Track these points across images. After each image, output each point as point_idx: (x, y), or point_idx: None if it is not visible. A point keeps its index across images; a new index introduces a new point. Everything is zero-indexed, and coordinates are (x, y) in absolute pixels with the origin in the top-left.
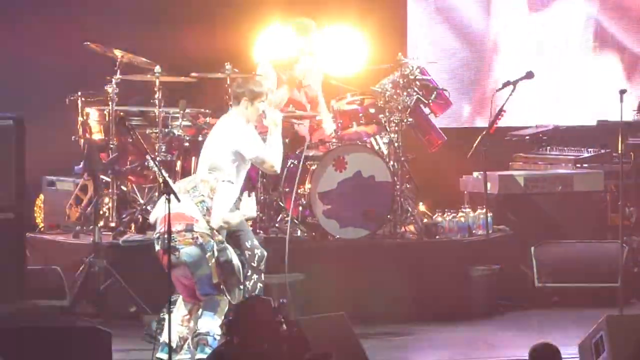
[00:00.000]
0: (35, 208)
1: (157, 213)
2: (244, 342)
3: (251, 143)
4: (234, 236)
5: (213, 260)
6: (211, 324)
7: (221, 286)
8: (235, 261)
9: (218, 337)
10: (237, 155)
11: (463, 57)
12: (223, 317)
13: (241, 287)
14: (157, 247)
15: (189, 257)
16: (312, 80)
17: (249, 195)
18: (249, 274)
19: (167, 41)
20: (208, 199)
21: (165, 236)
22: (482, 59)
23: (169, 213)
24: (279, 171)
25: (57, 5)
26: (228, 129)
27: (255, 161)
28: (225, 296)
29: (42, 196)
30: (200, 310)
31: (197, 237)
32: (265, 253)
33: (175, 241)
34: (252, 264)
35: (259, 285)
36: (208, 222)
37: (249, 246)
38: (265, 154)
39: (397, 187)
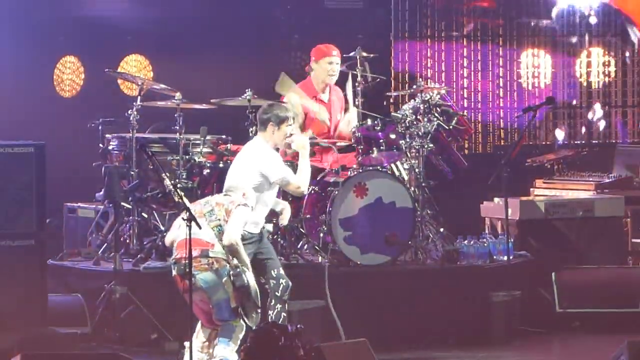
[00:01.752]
0: None
1: (173, 236)
2: None
3: (276, 165)
4: (261, 263)
5: (230, 284)
6: (225, 351)
7: (239, 310)
8: (253, 284)
9: None
10: (262, 177)
11: None
12: (239, 344)
13: (259, 310)
14: (174, 273)
15: (205, 283)
16: (337, 110)
17: (266, 231)
18: (272, 303)
19: (187, 68)
20: (224, 222)
21: (183, 262)
22: None
23: (190, 240)
24: (305, 192)
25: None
26: (254, 152)
27: (281, 183)
28: (243, 320)
29: None
30: (217, 337)
31: (212, 263)
32: (290, 284)
33: (188, 259)
34: (277, 293)
35: (283, 314)
36: (224, 246)
37: (274, 275)
38: (290, 176)
39: (418, 213)
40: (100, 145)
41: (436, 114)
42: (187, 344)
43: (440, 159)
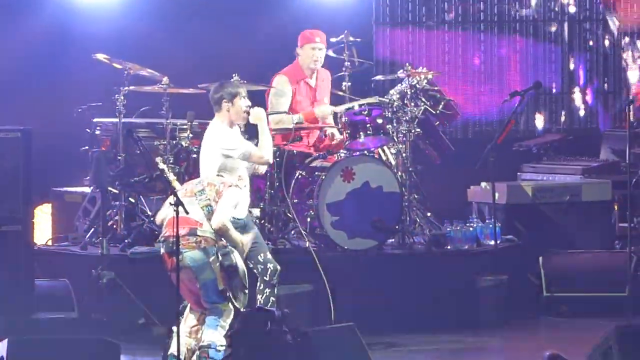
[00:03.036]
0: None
1: (164, 214)
2: (249, 353)
3: (234, 141)
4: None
5: (217, 264)
6: (214, 336)
7: (227, 293)
8: (240, 265)
9: (221, 349)
10: (225, 158)
11: None
12: (227, 328)
13: (246, 291)
14: (162, 250)
15: (192, 262)
16: (325, 93)
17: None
18: (261, 287)
19: (175, 52)
20: (214, 202)
21: (171, 240)
22: None
23: (177, 220)
24: (270, 161)
25: (65, 17)
26: (212, 135)
27: (244, 157)
28: (231, 303)
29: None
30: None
31: (200, 241)
32: (279, 267)
33: (179, 244)
34: (265, 277)
35: (272, 299)
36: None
37: (262, 260)
38: (251, 148)
39: (405, 197)
40: (87, 130)
41: (423, 99)
42: (174, 328)
43: (428, 144)
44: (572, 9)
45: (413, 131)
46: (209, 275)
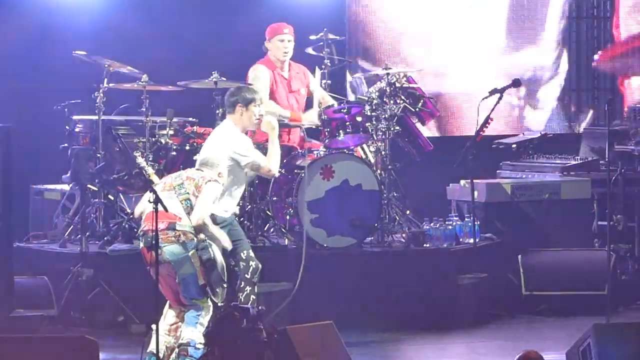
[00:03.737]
0: None
1: (142, 207)
2: (225, 352)
3: (246, 149)
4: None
5: (197, 259)
6: (193, 333)
7: (207, 289)
8: (219, 259)
9: (200, 347)
10: (233, 162)
11: None
12: (206, 326)
13: (224, 285)
14: (141, 245)
15: (171, 256)
16: (300, 85)
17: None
18: (241, 285)
19: (155, 50)
20: (193, 197)
21: (150, 234)
22: None
23: (156, 217)
24: (277, 175)
25: (46, 14)
26: (224, 136)
27: (252, 167)
28: (211, 299)
29: None
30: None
31: (179, 235)
32: (260, 266)
33: (158, 239)
34: (246, 275)
35: (252, 297)
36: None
37: (244, 257)
38: (261, 159)
39: (385, 195)
40: (67, 127)
41: (402, 97)
42: (154, 326)
43: (407, 142)
44: None
45: (392, 129)
46: (188, 269)
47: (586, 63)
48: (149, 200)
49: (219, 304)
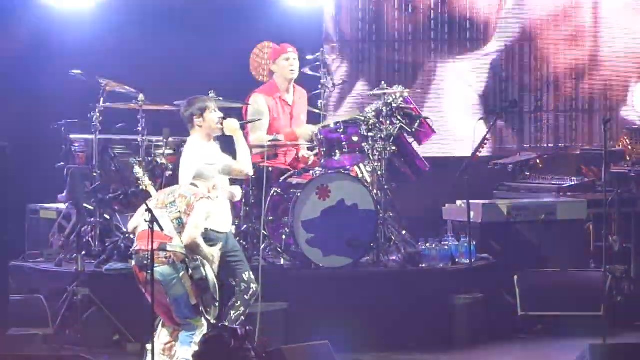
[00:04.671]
0: None
1: (136, 222)
2: None
3: (212, 157)
4: (231, 265)
5: (188, 279)
6: (187, 352)
7: (200, 308)
8: (211, 278)
9: None
10: (205, 173)
11: None
12: None
13: (217, 304)
14: (133, 263)
15: (161, 277)
16: (302, 110)
17: None
18: (237, 304)
19: (151, 69)
20: (184, 215)
21: (141, 254)
22: None
23: (152, 239)
24: (251, 173)
25: (43, 33)
26: (189, 153)
27: (224, 171)
28: (204, 317)
29: None
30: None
31: (170, 256)
32: (258, 291)
33: (149, 260)
34: (245, 296)
35: (242, 318)
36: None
37: (246, 278)
38: (230, 162)
39: (381, 215)
40: (63, 146)
41: (399, 117)
42: (148, 346)
43: (403, 162)
44: None
45: (389, 149)
46: (179, 290)
47: None
48: (145, 220)
49: (212, 322)
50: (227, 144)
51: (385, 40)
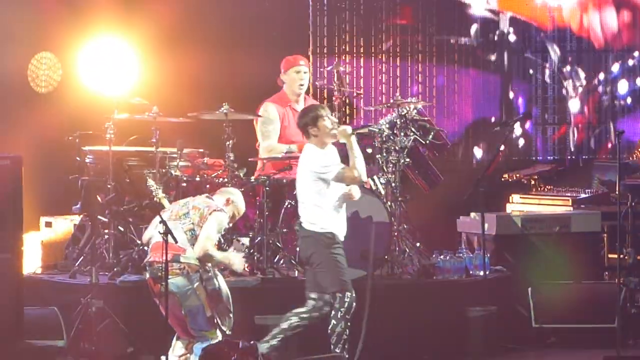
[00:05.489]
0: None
1: (150, 234)
2: None
3: (324, 165)
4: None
5: (203, 290)
6: None
7: (215, 320)
8: (224, 288)
9: None
10: (320, 180)
11: None
12: None
13: (231, 315)
14: (147, 275)
15: (176, 288)
16: None
17: (241, 245)
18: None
19: (165, 81)
20: (197, 227)
21: (155, 265)
22: None
23: (166, 252)
24: (364, 179)
25: (57, 46)
26: (305, 160)
27: (337, 179)
28: (220, 329)
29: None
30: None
31: (184, 267)
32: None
33: (164, 271)
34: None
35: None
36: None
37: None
38: (344, 169)
39: (395, 227)
40: (77, 158)
41: (413, 129)
42: (163, 358)
43: (417, 174)
44: (511, 38)
45: (402, 161)
46: (194, 301)
47: None
48: (159, 232)
49: (227, 333)
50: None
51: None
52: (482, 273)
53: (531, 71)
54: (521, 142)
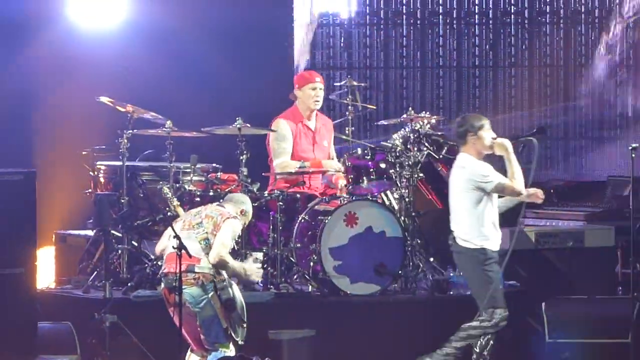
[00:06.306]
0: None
1: (163, 245)
2: None
3: (485, 175)
4: None
5: (217, 300)
6: None
7: (229, 332)
8: (239, 298)
9: None
10: (479, 191)
11: None
12: None
13: (244, 325)
14: (162, 286)
15: (191, 298)
16: (325, 137)
17: (255, 259)
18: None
19: (179, 95)
20: (211, 235)
21: (170, 276)
22: None
23: (180, 267)
24: (523, 192)
25: (70, 60)
26: (462, 169)
27: (497, 190)
28: (233, 337)
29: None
30: None
31: (198, 278)
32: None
33: (182, 288)
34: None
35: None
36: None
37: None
38: (504, 180)
39: (408, 242)
40: (91, 173)
41: (426, 144)
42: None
43: (431, 189)
44: None
45: (416, 176)
46: (208, 311)
47: None
48: (173, 247)
49: (240, 343)
50: None
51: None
52: None
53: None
54: None
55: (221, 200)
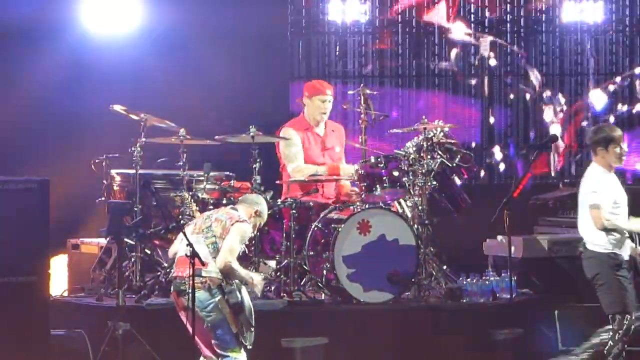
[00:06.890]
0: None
1: (175, 248)
2: None
3: (593, 191)
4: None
5: (225, 304)
6: None
7: (239, 337)
8: (247, 302)
9: None
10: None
11: None
12: None
13: (252, 329)
14: (172, 289)
15: (198, 302)
16: (335, 143)
17: (268, 268)
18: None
19: (192, 104)
20: (220, 239)
21: (179, 280)
22: None
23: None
24: (597, 226)
25: (84, 67)
26: (587, 180)
27: (590, 208)
28: (243, 342)
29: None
30: None
31: (205, 281)
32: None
33: (186, 285)
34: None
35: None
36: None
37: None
38: (600, 207)
39: (421, 250)
40: (104, 181)
41: (439, 152)
42: None
43: (444, 197)
44: (492, 62)
45: (429, 184)
46: (217, 315)
47: None
48: (185, 252)
49: (248, 347)
50: None
51: None
52: (508, 296)
53: (512, 96)
54: (502, 166)
55: (236, 203)
